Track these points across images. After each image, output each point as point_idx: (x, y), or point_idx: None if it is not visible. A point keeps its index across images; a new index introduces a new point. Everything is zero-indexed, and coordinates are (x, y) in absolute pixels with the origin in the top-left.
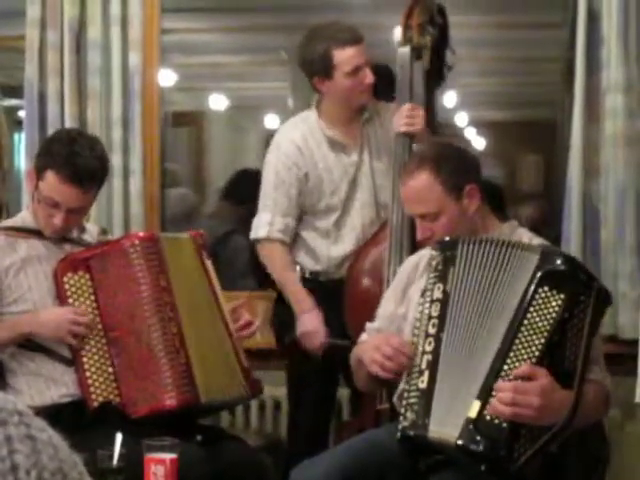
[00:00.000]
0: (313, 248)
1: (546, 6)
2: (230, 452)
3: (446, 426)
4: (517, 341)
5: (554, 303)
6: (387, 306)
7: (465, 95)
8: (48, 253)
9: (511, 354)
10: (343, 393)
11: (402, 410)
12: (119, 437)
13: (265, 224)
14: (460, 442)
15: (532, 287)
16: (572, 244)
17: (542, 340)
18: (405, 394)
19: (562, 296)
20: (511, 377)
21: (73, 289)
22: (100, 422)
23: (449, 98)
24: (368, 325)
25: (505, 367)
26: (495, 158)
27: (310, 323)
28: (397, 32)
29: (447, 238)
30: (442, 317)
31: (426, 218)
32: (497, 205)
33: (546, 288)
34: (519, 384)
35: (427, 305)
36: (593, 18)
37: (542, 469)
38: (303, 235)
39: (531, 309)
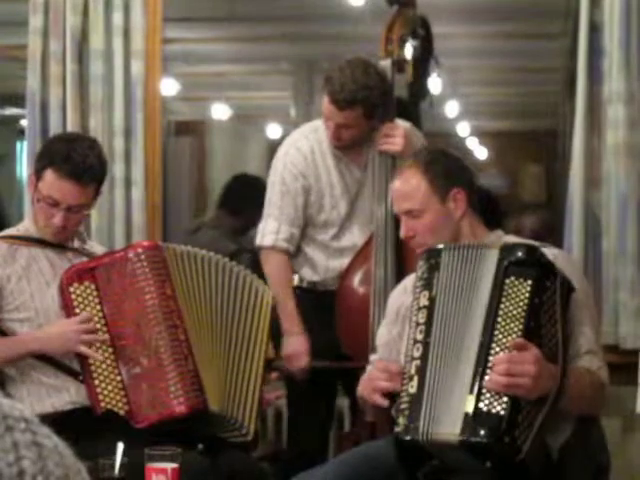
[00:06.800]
0: (312, 258)
1: (548, 16)
2: (231, 462)
3: (438, 426)
4: (497, 332)
5: (523, 290)
6: (382, 334)
7: (467, 105)
8: (50, 261)
9: (493, 344)
10: (344, 403)
11: (396, 418)
12: (120, 446)
13: (271, 232)
14: (461, 438)
15: (499, 279)
16: (574, 253)
17: (520, 326)
18: (398, 402)
19: (529, 282)
20: (504, 351)
21: (80, 299)
22: (102, 431)
23: (451, 108)
24: (371, 357)
25: (490, 358)
26: (497, 168)
27: (295, 346)
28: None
29: (435, 246)
30: (429, 323)
31: (409, 215)
32: (492, 215)
33: (512, 278)
34: (514, 354)
35: (414, 313)
36: (595, 29)
37: (543, 477)
38: (303, 247)
39: (503, 299)
